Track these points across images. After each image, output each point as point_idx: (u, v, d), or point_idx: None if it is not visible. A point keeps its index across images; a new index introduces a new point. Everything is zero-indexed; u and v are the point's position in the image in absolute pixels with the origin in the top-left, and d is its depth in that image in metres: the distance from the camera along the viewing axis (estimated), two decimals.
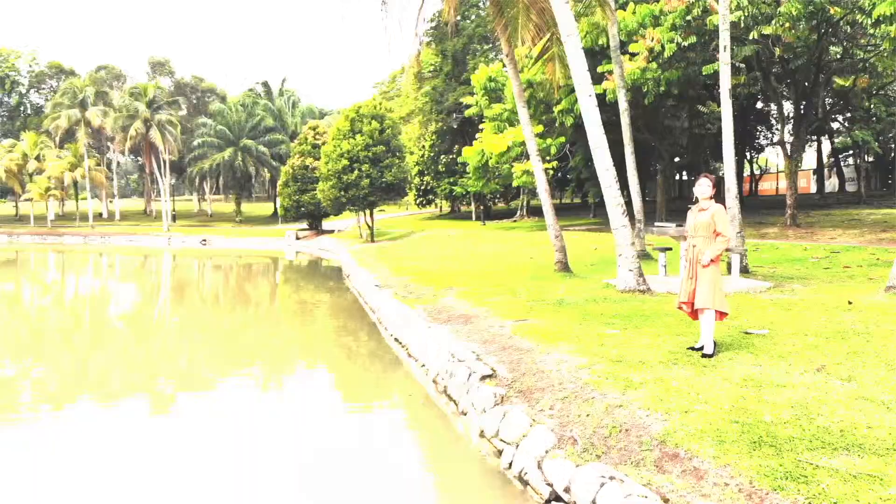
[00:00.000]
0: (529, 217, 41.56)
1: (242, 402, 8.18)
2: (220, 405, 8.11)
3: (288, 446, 6.51)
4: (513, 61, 14.07)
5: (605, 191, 10.35)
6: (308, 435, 6.84)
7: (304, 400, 8.27)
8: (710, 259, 6.45)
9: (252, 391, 8.73)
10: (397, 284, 14.95)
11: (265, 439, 6.74)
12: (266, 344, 12.24)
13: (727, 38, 13.40)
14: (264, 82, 74.41)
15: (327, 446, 6.50)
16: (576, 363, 6.58)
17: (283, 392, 8.75)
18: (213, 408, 8.03)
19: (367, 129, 31.97)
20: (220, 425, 7.27)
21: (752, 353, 6.57)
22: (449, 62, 45.03)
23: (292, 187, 43.73)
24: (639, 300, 9.95)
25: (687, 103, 30.39)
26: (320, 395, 8.47)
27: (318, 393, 8.62)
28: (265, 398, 8.39)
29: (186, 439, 6.85)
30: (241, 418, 7.44)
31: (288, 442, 6.63)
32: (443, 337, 8.49)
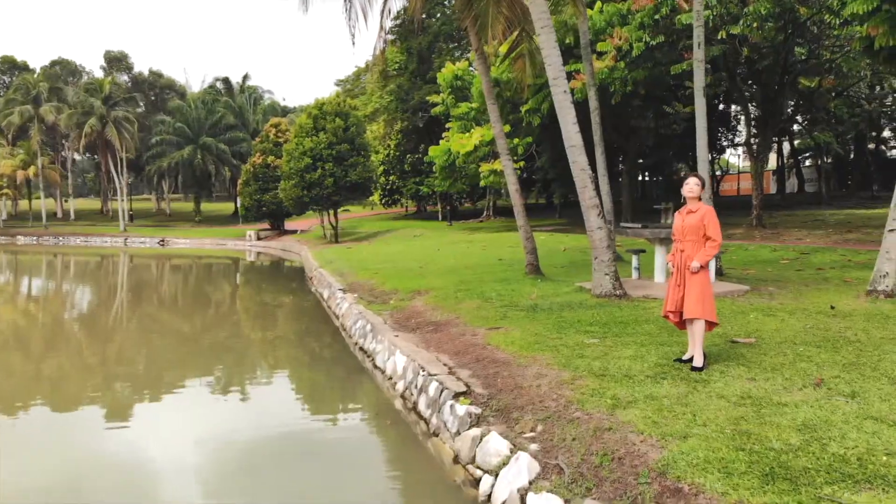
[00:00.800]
0: (496, 217, 41.19)
1: (192, 418, 7.50)
2: (163, 426, 7.42)
3: (237, 473, 5.87)
4: (482, 56, 13.56)
5: (581, 192, 9.89)
6: (261, 459, 6.20)
7: (257, 418, 7.60)
8: (699, 265, 6.01)
9: (202, 406, 8.05)
10: (362, 288, 14.33)
11: (215, 455, 6.10)
12: (220, 353, 11.52)
13: (701, 34, 13.08)
14: (225, 78, 72.86)
15: (282, 473, 5.88)
16: (556, 377, 6.08)
17: (234, 409, 8.07)
18: (153, 428, 7.33)
19: (330, 127, 31.24)
20: (161, 450, 6.60)
21: (744, 366, 6.15)
22: (414, 60, 44.42)
23: (253, 186, 42.69)
24: (615, 306, 9.50)
25: (653, 103, 30.29)
26: (275, 413, 7.80)
27: (274, 410, 7.95)
28: (216, 412, 7.71)
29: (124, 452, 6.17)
30: (188, 435, 6.78)
31: (237, 467, 5.99)
32: (411, 347, 7.92)
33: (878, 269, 9.75)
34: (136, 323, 15.21)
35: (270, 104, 75.77)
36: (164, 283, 24.77)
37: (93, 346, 12.56)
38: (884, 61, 15.84)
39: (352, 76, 70.21)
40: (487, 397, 5.90)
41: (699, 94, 13.32)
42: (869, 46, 15.16)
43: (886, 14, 13.51)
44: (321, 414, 7.72)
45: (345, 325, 11.78)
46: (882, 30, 13.80)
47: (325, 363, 10.43)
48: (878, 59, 15.88)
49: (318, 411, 7.84)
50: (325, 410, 7.86)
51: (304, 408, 8.00)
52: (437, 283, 13.28)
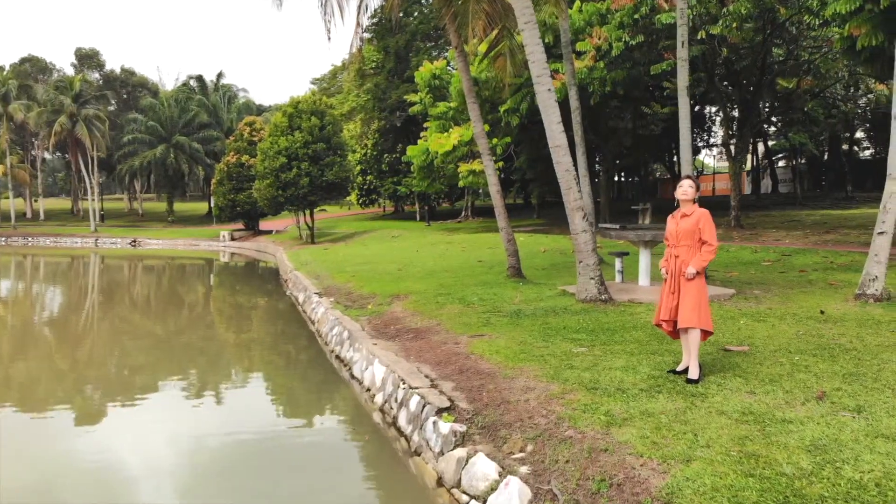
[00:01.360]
0: (474, 218, 40.89)
1: (156, 431, 7.04)
2: (128, 433, 6.95)
3: (203, 492, 5.45)
4: (462, 54, 13.21)
5: (565, 194, 9.57)
6: (229, 479, 5.78)
7: (226, 432, 7.16)
8: (695, 271, 5.71)
9: (170, 418, 7.59)
10: (338, 291, 13.91)
11: (184, 471, 5.67)
12: (191, 359, 11.03)
13: (685, 32, 12.87)
14: (198, 76, 71.64)
15: (253, 495, 5.46)
16: (545, 391, 5.73)
17: (202, 420, 7.61)
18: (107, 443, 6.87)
19: (306, 126, 30.70)
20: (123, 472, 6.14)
21: (741, 377, 5.86)
22: (391, 59, 43.95)
23: (227, 186, 41.93)
24: (601, 311, 9.20)
25: (631, 104, 30.22)
26: (245, 426, 7.37)
27: (243, 423, 7.50)
28: (186, 424, 7.25)
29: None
30: (154, 449, 6.33)
31: (204, 486, 5.57)
32: (390, 357, 7.53)
33: (866, 273, 9.56)
34: (105, 326, 14.63)
35: (245, 103, 74.77)
36: (134, 286, 24.08)
37: (63, 349, 12.09)
38: (865, 61, 15.80)
39: (328, 75, 69.54)
40: (472, 413, 5.54)
41: (683, 94, 13.10)
42: (851, 47, 15.09)
43: (869, 14, 13.42)
44: (294, 429, 7.29)
45: (320, 331, 11.35)
46: (865, 30, 13.70)
47: (298, 373, 10.00)
48: (860, 59, 15.83)
49: (290, 426, 7.42)
50: (298, 426, 7.43)
51: (275, 422, 7.56)
52: (417, 286, 12.90)
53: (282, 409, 8.09)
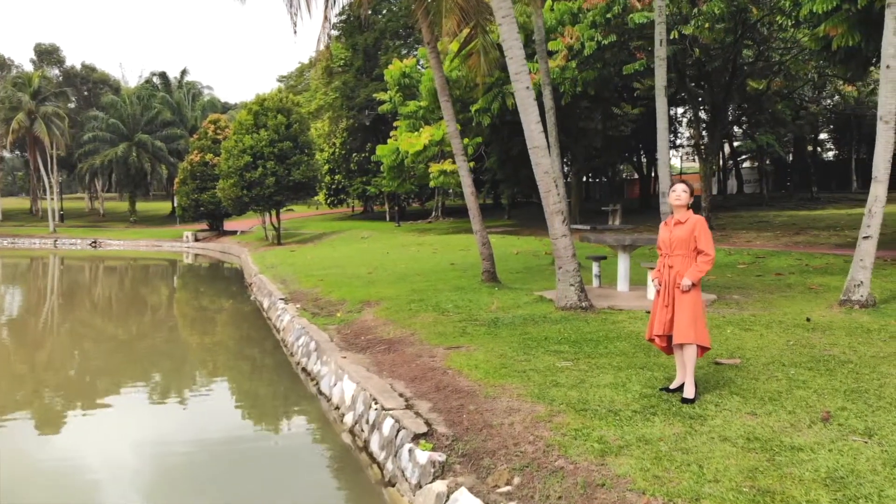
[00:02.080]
0: (444, 218, 40.43)
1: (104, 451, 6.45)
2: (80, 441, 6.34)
3: None
4: (434, 50, 12.72)
5: (544, 196, 9.15)
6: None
7: (176, 453, 6.59)
8: (691, 283, 5.31)
9: (121, 440, 6.98)
10: (305, 297, 13.33)
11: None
12: (146, 374, 10.37)
13: (663, 31, 12.54)
14: (162, 73, 70.04)
15: None
16: (531, 412, 5.29)
17: (148, 444, 7.02)
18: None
19: (272, 124, 29.93)
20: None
21: (738, 395, 5.48)
22: (360, 57, 43.25)
23: (190, 185, 40.85)
24: (582, 319, 8.80)
25: (601, 105, 30.07)
26: (199, 451, 6.80)
27: (196, 448, 6.94)
28: (134, 452, 6.66)
29: None
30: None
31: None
32: (361, 372, 7.02)
33: (851, 278, 9.32)
34: (64, 329, 13.84)
35: (210, 100, 73.34)
36: (91, 289, 23.10)
37: (20, 354, 11.47)
38: (840, 62, 15.70)
39: (295, 72, 68.40)
40: (452, 438, 5.06)
41: (660, 94, 12.79)
42: (825, 47, 14.96)
43: (846, 14, 13.27)
44: (253, 453, 6.73)
45: (286, 341, 10.75)
46: (841, 30, 13.55)
47: (261, 388, 9.40)
48: (835, 59, 15.73)
49: (249, 450, 6.84)
50: (259, 450, 6.86)
51: (233, 446, 6.98)
52: (389, 291, 12.38)
53: (241, 431, 7.47)
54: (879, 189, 9.11)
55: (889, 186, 9.52)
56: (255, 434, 7.22)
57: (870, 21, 13.24)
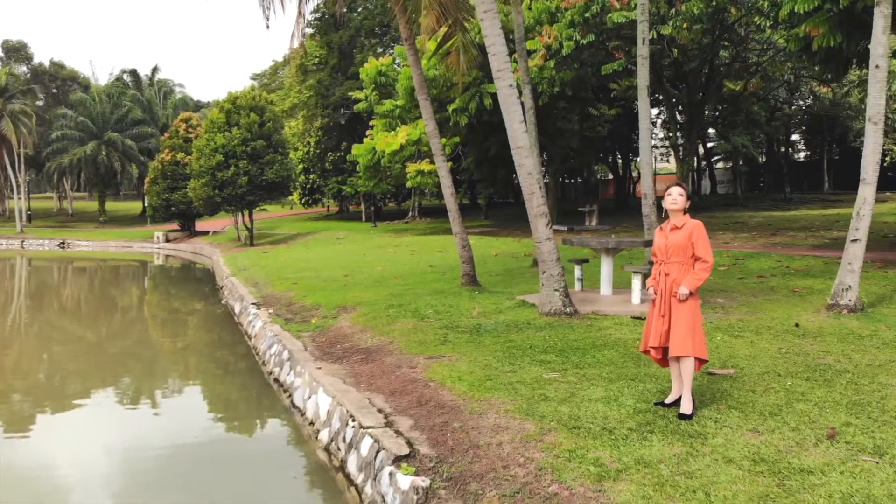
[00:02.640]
0: (421, 218, 40.04)
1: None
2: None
3: None
4: (413, 47, 12.35)
5: (528, 199, 8.83)
6: None
7: (141, 470, 6.15)
8: (688, 292, 5.02)
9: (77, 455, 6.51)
10: (278, 302, 12.87)
11: None
12: (107, 386, 9.85)
13: (646, 28, 12.32)
14: (132, 70, 68.52)
15: None
16: (520, 431, 4.95)
17: (103, 463, 6.58)
18: None
19: (244, 122, 29.30)
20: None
21: (736, 409, 5.20)
22: (335, 55, 42.66)
23: (161, 185, 39.93)
24: (567, 326, 8.50)
25: (578, 105, 29.94)
26: (160, 464, 6.37)
27: (159, 464, 6.50)
28: (84, 477, 6.20)
29: None
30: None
31: None
32: (337, 385, 6.63)
33: (839, 282, 9.14)
34: (29, 334, 13.23)
35: (182, 98, 72.00)
36: (57, 291, 22.34)
37: None
38: (821, 62, 15.62)
39: (269, 70, 67.55)
40: (436, 460, 4.70)
41: (643, 93, 12.57)
42: (806, 48, 14.86)
43: (828, 14, 13.15)
44: (220, 473, 6.31)
45: (258, 349, 10.30)
46: (823, 30, 13.43)
47: (230, 398, 8.95)
48: (815, 60, 15.65)
49: (216, 468, 6.41)
50: (226, 469, 6.42)
51: (198, 463, 6.56)
52: (365, 296, 11.98)
53: (207, 449, 7.01)
54: (868, 191, 8.93)
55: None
56: (222, 453, 6.77)
57: (851, 21, 13.16)
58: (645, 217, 12.70)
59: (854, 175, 32.66)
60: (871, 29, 13.82)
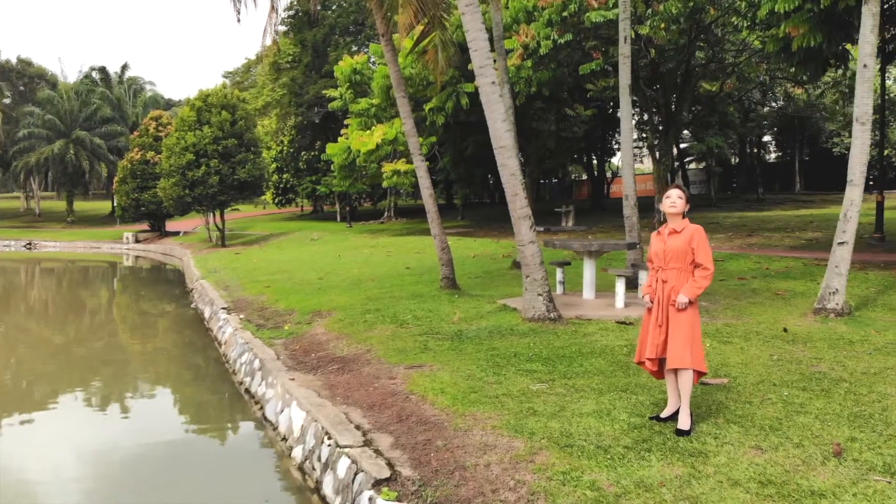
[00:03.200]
0: (397, 219, 39.62)
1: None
2: None
3: None
4: (390, 43, 11.99)
5: (511, 200, 8.53)
6: None
7: (102, 475, 5.72)
8: (687, 300, 4.74)
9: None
10: (250, 306, 12.42)
11: None
12: (62, 399, 9.34)
13: (628, 27, 12.12)
14: (101, 68, 67.24)
15: None
16: (508, 449, 4.63)
17: (58, 482, 6.13)
18: None
19: (216, 120, 28.66)
20: None
21: (736, 424, 4.94)
22: (309, 53, 42.05)
23: (131, 184, 39.03)
24: (551, 332, 8.21)
25: (555, 105, 29.78)
26: (121, 486, 5.94)
27: (116, 481, 6.07)
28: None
29: None
30: None
31: None
32: (311, 398, 6.25)
33: (826, 286, 8.98)
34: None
35: (152, 96, 70.71)
36: (24, 292, 21.56)
37: None
38: (799, 63, 15.54)
39: (241, 68, 66.53)
40: (420, 483, 4.36)
41: (625, 93, 12.37)
42: (785, 48, 14.77)
43: (808, 13, 13.05)
44: (186, 492, 5.90)
45: (228, 356, 9.85)
46: (803, 30, 13.33)
47: (197, 409, 8.51)
48: (794, 60, 15.57)
49: (181, 486, 6.00)
50: (193, 487, 6.03)
51: (162, 480, 6.14)
52: (341, 300, 11.58)
53: (171, 465, 6.59)
54: (855, 193, 8.78)
55: (830, 187, 9.24)
56: (188, 472, 6.34)
57: (832, 21, 13.07)
58: (626, 219, 12.48)
59: (825, 176, 33.10)
60: (850, 29, 13.79)
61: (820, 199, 34.47)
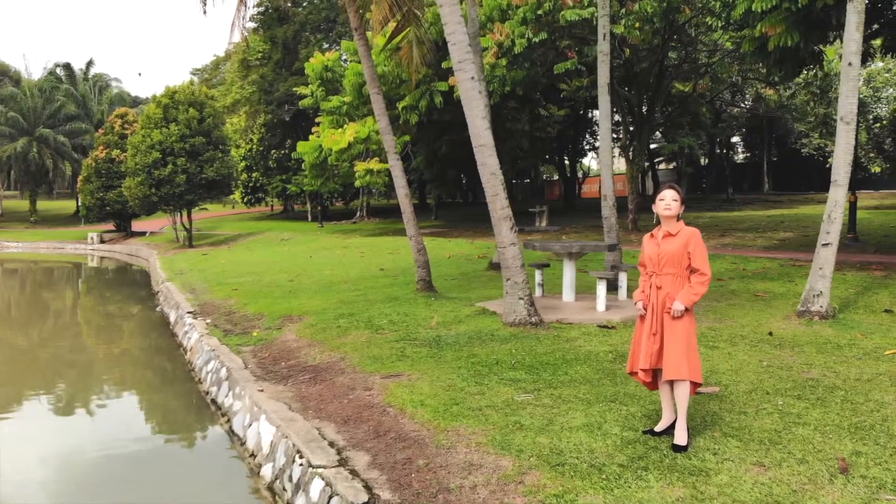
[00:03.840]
0: (370, 218, 39.14)
1: None
2: None
3: None
4: (363, 37, 11.60)
5: (491, 201, 8.21)
6: None
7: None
8: (683, 308, 4.47)
9: None
10: (217, 310, 11.93)
11: None
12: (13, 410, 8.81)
13: (607, 23, 11.88)
14: (66, 64, 65.58)
15: None
16: (495, 469, 4.31)
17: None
18: None
19: (183, 118, 27.93)
20: None
21: (734, 437, 4.67)
22: (279, 50, 41.36)
23: (96, 183, 37.98)
24: (533, 337, 7.91)
25: (528, 105, 29.63)
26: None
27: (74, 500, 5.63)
28: None
29: None
30: None
31: None
32: (282, 411, 5.87)
33: (810, 288, 8.82)
34: None
35: (118, 93, 69.18)
36: None
37: None
38: (775, 63, 15.48)
39: (210, 65, 65.31)
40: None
41: (604, 91, 12.13)
42: (761, 48, 14.70)
43: (786, 12, 12.96)
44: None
45: (193, 364, 9.39)
46: (780, 29, 13.24)
47: (160, 421, 8.06)
48: (770, 60, 15.51)
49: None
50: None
51: (114, 496, 5.70)
52: (313, 304, 11.17)
53: (134, 483, 6.15)
54: (839, 193, 8.62)
55: (800, 187, 9.11)
56: (149, 488, 5.92)
57: (810, 20, 12.99)
58: (605, 220, 12.26)
59: (793, 177, 33.32)
60: (828, 28, 13.73)
61: (788, 200, 34.84)
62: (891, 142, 26.65)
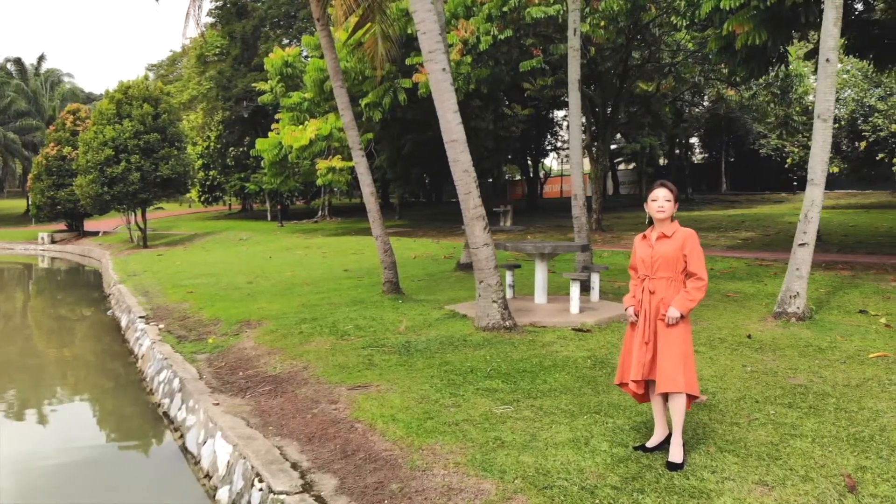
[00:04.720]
0: (332, 218, 38.45)
1: None
2: None
3: None
4: (326, 28, 11.09)
5: (464, 200, 7.82)
6: None
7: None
8: (679, 314, 4.14)
9: None
10: (171, 314, 11.30)
11: None
12: None
13: (577, 19, 11.60)
14: (17, 59, 63.22)
15: None
16: (477, 494, 3.91)
17: None
18: None
19: (137, 114, 26.94)
20: None
21: (729, 452, 4.37)
22: (237, 45, 40.36)
23: (46, 181, 36.55)
24: (508, 342, 7.55)
25: (492, 104, 29.37)
26: None
27: None
28: None
29: None
30: None
31: None
32: (239, 428, 5.38)
33: (786, 289, 8.64)
34: None
35: (71, 89, 67.14)
36: None
37: None
38: (742, 62, 15.42)
39: (166, 61, 63.69)
40: None
41: (574, 87, 11.86)
42: (727, 46, 14.62)
43: (754, 10, 12.86)
44: None
45: (145, 373, 8.79)
46: (747, 28, 13.14)
47: (107, 435, 7.47)
48: (736, 60, 15.45)
49: None
50: None
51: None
52: (273, 307, 10.63)
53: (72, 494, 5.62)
54: (816, 192, 8.46)
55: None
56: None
57: (777, 19, 12.92)
58: (575, 219, 11.98)
59: (751, 177, 33.67)
60: (796, 27, 13.66)
61: (746, 200, 35.31)
62: (848, 142, 27.08)
